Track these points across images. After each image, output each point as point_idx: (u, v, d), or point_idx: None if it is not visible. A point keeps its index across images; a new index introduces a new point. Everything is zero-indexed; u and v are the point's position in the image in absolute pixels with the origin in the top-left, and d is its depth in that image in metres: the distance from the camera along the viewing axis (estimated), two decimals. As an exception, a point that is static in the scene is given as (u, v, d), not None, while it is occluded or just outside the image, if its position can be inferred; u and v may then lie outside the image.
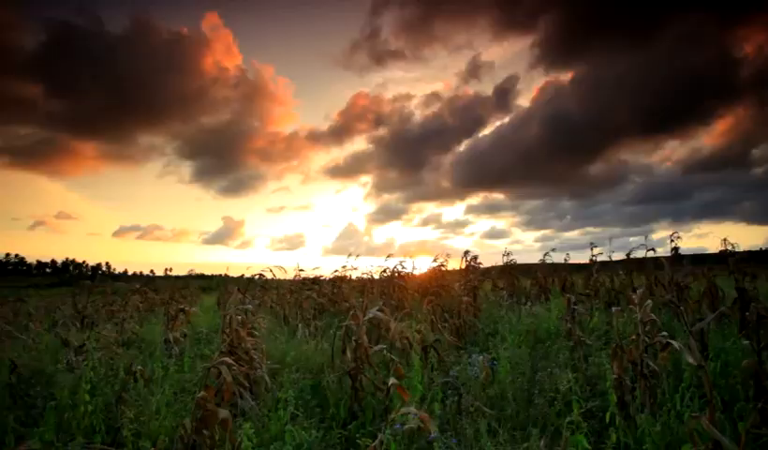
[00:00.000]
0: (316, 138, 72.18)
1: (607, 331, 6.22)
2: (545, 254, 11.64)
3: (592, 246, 10.14)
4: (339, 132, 70.87)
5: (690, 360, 2.50)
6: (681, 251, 7.66)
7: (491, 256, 11.46)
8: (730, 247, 7.20)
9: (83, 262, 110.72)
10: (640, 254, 8.56)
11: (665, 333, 3.81)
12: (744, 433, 2.29)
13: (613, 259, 10.11)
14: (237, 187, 77.40)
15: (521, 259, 11.76)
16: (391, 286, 10.05)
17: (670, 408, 3.36)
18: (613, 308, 4.29)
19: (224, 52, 61.94)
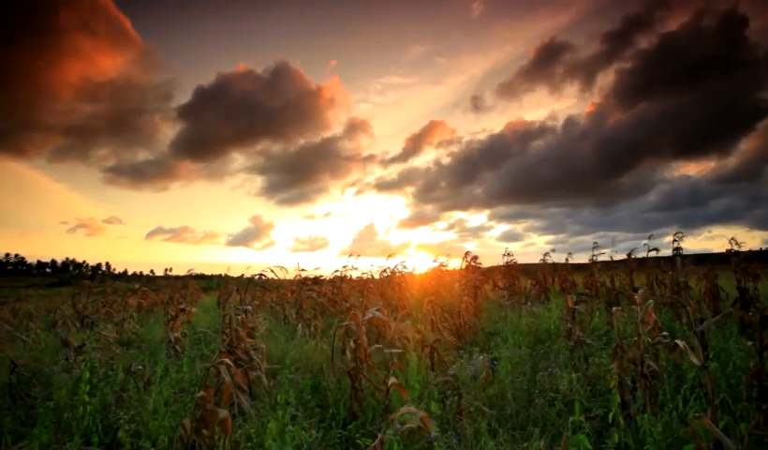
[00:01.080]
0: (388, 159, 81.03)
1: (607, 331, 6.21)
2: (545, 254, 11.63)
3: (595, 245, 10.13)
4: (409, 153, 79.44)
5: (694, 360, 2.49)
6: (685, 252, 7.64)
7: (501, 257, 11.74)
8: (735, 248, 7.19)
9: (83, 261, 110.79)
10: (643, 255, 8.55)
11: (665, 333, 3.80)
12: (746, 434, 2.28)
13: (615, 259, 10.10)
14: (297, 198, 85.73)
15: (530, 260, 11.79)
16: (392, 286, 10.04)
17: (671, 408, 3.35)
18: (614, 308, 4.28)
19: (337, 96, 72.69)
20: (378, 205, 77.40)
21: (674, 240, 7.57)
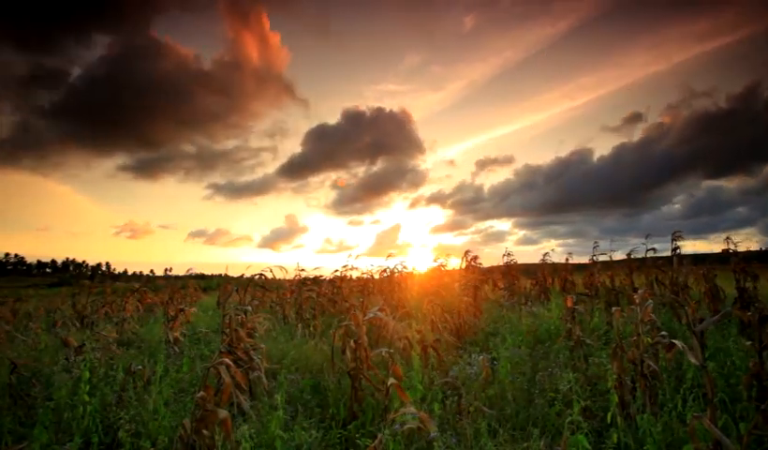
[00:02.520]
0: (461, 182, 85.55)
1: (607, 331, 6.21)
2: (545, 254, 11.63)
3: (595, 245, 10.12)
4: (477, 174, 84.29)
5: (692, 360, 2.49)
6: (694, 253, 7.67)
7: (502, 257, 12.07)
8: (733, 248, 7.19)
9: (83, 261, 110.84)
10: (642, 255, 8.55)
11: (665, 333, 3.80)
12: (746, 434, 2.28)
13: (614, 259, 10.10)
14: (360, 210, 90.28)
15: (535, 261, 11.78)
16: (391, 286, 10.05)
17: (671, 408, 3.35)
18: (613, 308, 4.28)
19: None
20: (422, 214, 78.14)
21: (672, 240, 7.57)
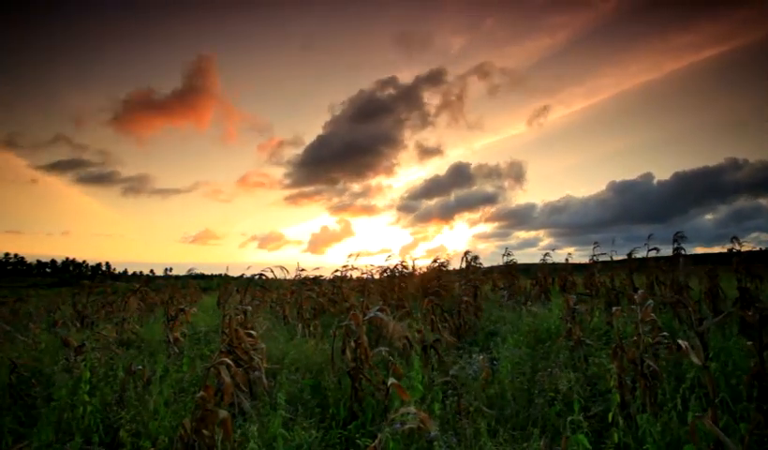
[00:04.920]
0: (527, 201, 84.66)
1: (607, 331, 6.20)
2: (545, 254, 11.62)
3: (595, 245, 10.12)
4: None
5: (695, 360, 2.49)
6: (694, 254, 7.65)
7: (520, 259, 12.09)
8: (737, 247, 7.18)
9: (83, 261, 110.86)
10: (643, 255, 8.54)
11: (665, 333, 3.80)
12: (747, 434, 2.28)
13: (615, 259, 10.09)
14: (433, 224, 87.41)
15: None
16: (391, 286, 10.04)
17: (671, 408, 3.34)
18: (614, 308, 4.27)
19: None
20: (474, 229, 79.78)
21: (674, 239, 7.56)
